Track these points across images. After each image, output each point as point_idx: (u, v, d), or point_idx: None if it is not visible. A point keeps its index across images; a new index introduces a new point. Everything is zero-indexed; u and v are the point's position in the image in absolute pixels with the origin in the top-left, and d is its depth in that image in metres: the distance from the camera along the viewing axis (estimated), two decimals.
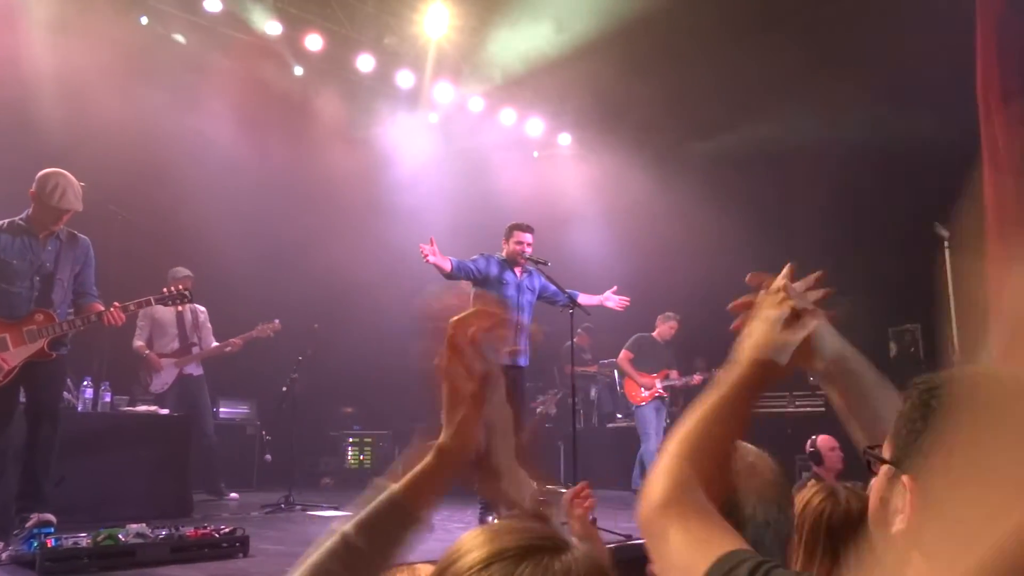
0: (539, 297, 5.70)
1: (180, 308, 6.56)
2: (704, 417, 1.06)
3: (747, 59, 7.30)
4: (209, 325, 6.83)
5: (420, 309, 0.92)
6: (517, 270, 5.62)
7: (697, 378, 7.37)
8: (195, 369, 6.68)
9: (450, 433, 0.90)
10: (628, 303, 5.94)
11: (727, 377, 1.10)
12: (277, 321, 6.73)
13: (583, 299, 5.68)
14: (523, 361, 5.57)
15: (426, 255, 5.16)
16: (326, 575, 0.83)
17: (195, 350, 6.66)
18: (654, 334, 7.55)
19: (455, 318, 0.90)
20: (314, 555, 0.84)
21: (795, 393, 7.65)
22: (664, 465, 0.99)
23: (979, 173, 6.10)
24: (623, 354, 7.43)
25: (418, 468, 0.89)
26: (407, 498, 0.87)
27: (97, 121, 6.69)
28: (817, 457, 4.89)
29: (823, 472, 4.78)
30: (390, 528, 0.86)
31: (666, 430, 7.03)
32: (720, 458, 1.04)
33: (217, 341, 6.84)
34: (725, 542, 0.85)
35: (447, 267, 5.27)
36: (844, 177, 7.42)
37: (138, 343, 6.51)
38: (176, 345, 6.62)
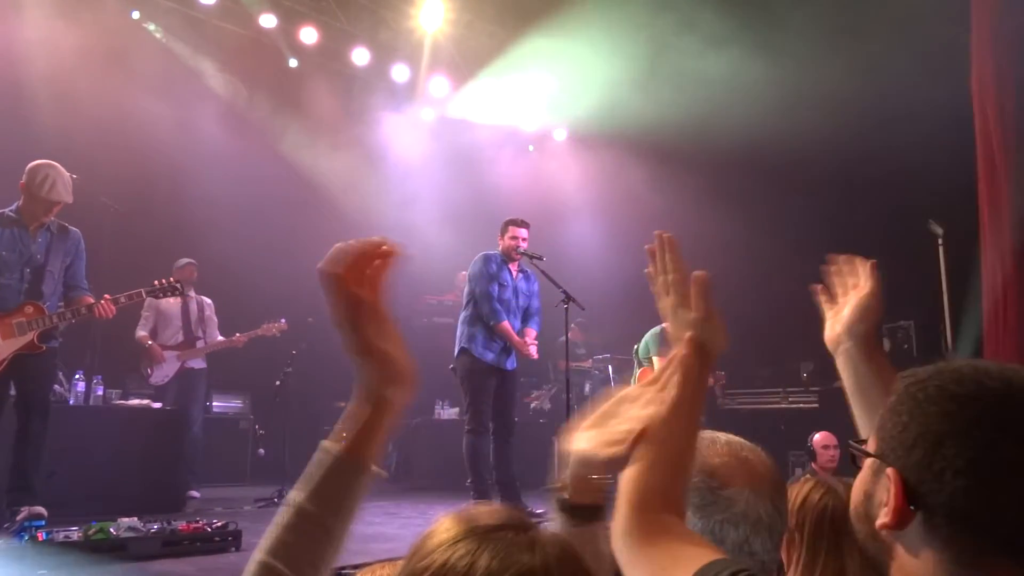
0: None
1: (188, 298, 6.48)
2: (664, 423, 0.98)
3: (746, 54, 7.29)
4: (215, 319, 6.70)
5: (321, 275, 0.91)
6: (513, 268, 5.61)
7: (710, 380, 7.20)
8: (197, 363, 6.60)
9: (371, 378, 0.90)
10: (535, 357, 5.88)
11: (670, 375, 1.03)
12: (283, 321, 6.64)
13: (532, 332, 5.71)
14: (510, 364, 5.58)
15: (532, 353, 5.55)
16: (285, 548, 0.82)
17: (199, 344, 6.56)
18: (667, 327, 7.36)
19: (332, 268, 0.92)
20: (271, 529, 0.84)
21: (788, 389, 7.68)
22: (624, 490, 0.94)
23: (974, 170, 6.11)
24: (659, 361, 7.15)
25: (356, 422, 0.89)
26: (353, 455, 0.87)
27: (90, 113, 6.66)
28: (812, 454, 4.91)
29: (817, 469, 4.80)
30: (340, 488, 0.86)
31: None
32: (681, 464, 0.98)
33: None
34: (697, 555, 0.82)
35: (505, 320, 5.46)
36: (839, 174, 7.43)
37: (141, 333, 6.38)
38: (180, 338, 6.50)
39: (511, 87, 9.14)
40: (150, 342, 6.39)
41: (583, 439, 0.98)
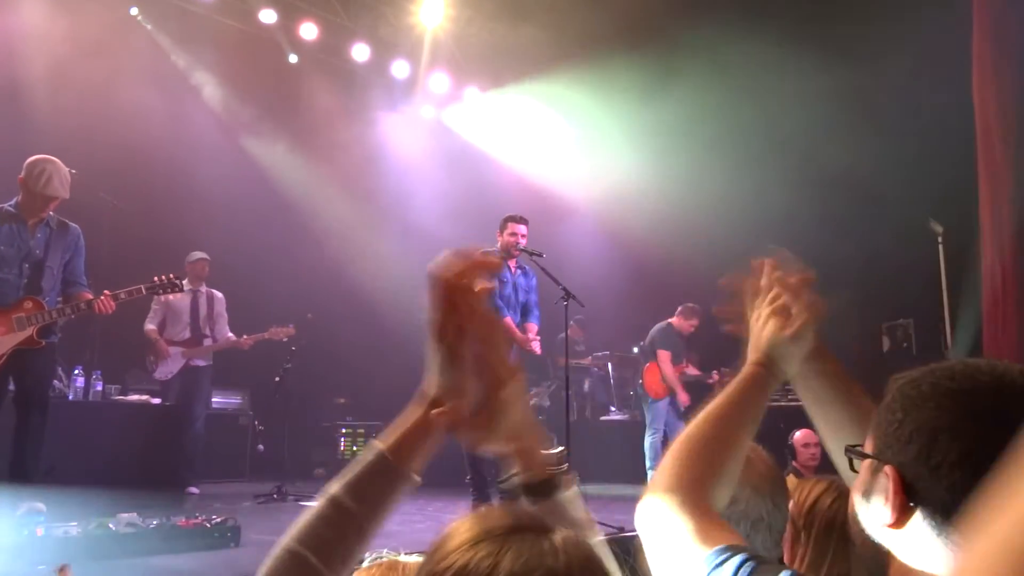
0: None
1: (198, 293, 6.44)
2: (707, 420, 1.06)
3: (744, 44, 7.28)
4: (225, 315, 6.61)
5: (429, 275, 0.89)
6: (511, 264, 5.61)
7: (715, 376, 7.15)
8: (202, 360, 6.56)
9: (442, 387, 0.89)
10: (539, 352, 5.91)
11: (734, 381, 1.11)
12: (292, 326, 6.59)
13: (533, 327, 5.72)
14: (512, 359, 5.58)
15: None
16: (317, 539, 0.82)
17: (207, 342, 6.46)
18: (673, 322, 7.21)
19: (448, 273, 0.89)
20: (304, 518, 0.84)
21: (787, 387, 7.66)
22: (668, 463, 1.00)
23: (974, 168, 6.12)
24: (663, 355, 7.02)
25: (407, 425, 0.89)
26: (396, 456, 0.87)
27: (90, 110, 6.65)
28: (792, 452, 4.89)
29: (799, 467, 4.78)
30: (379, 488, 0.86)
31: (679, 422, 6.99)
32: (723, 462, 1.03)
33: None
34: (721, 537, 0.85)
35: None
36: (840, 171, 7.42)
37: (149, 327, 6.31)
38: (187, 334, 6.44)
39: (510, 82, 9.13)
40: (157, 337, 6.35)
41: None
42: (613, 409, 9.05)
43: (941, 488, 0.74)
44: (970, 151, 6.10)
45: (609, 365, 9.23)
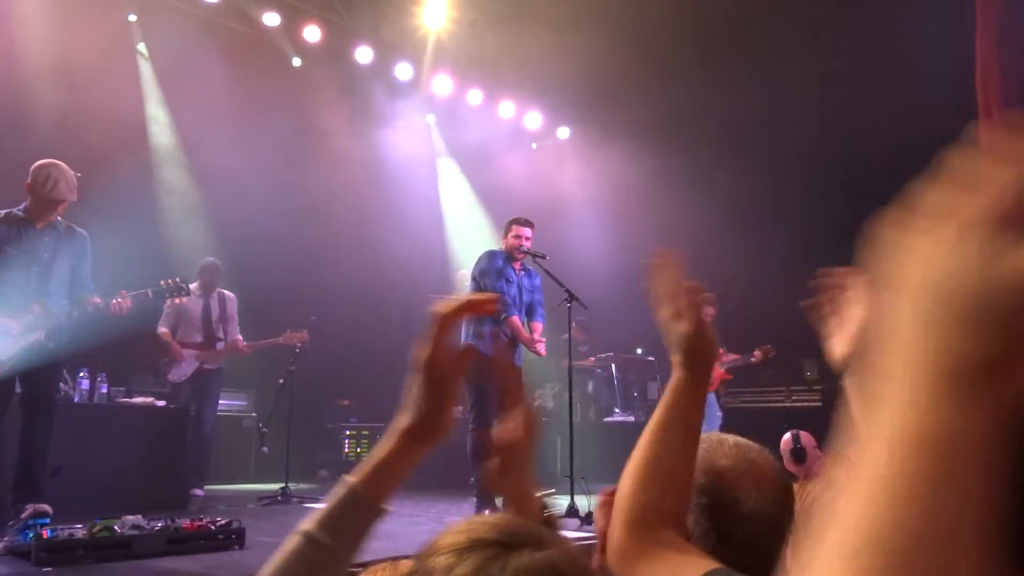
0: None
1: (209, 296, 6.45)
2: (647, 440, 1.03)
3: (746, 54, 7.28)
4: (236, 316, 6.58)
5: (429, 313, 0.92)
6: (516, 266, 5.62)
7: (757, 354, 7.15)
8: (214, 363, 6.58)
9: (416, 418, 0.89)
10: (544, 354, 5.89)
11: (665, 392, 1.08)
12: (306, 331, 6.59)
13: (539, 327, 5.72)
14: (516, 360, 5.61)
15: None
16: (292, 575, 0.82)
17: (219, 345, 6.44)
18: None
19: (441, 307, 0.91)
20: (278, 556, 0.84)
21: (792, 388, 7.67)
22: (617, 508, 0.97)
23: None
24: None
25: (379, 457, 0.89)
26: (368, 490, 0.87)
27: (93, 110, 6.67)
28: (801, 455, 4.82)
29: (799, 471, 4.72)
30: (352, 522, 0.86)
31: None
32: (676, 479, 1.01)
33: None
34: (696, 566, 0.83)
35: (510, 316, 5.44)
36: (848, 177, 7.41)
37: (162, 329, 6.29)
38: (200, 337, 6.42)
39: (514, 85, 9.14)
40: (171, 340, 6.35)
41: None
42: (617, 411, 9.05)
43: None
44: None
45: (613, 366, 9.23)
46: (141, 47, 7.66)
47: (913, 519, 0.34)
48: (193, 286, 5.97)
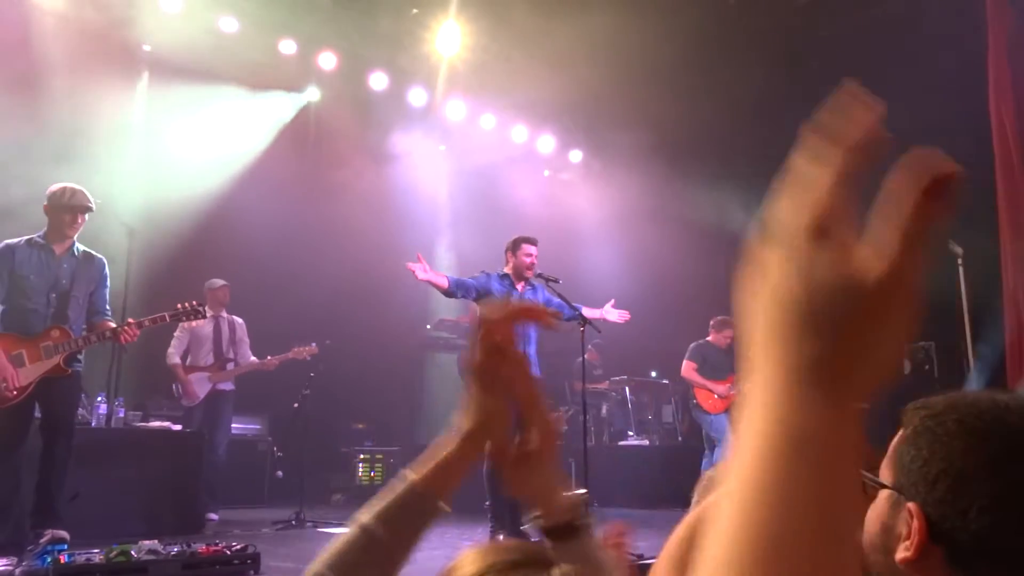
0: None
1: (220, 319, 6.52)
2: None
3: (760, 75, 7.32)
4: (247, 339, 6.73)
5: (473, 319, 0.94)
6: (520, 285, 5.61)
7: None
8: (226, 385, 6.61)
9: (476, 421, 0.91)
10: (628, 317, 5.84)
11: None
12: (314, 344, 6.66)
13: (587, 312, 5.63)
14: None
15: (415, 273, 5.12)
16: (347, 566, 0.84)
17: (230, 366, 6.57)
18: (709, 339, 7.19)
19: (490, 314, 0.92)
20: (335, 545, 0.86)
21: None
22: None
23: (993, 188, 6.07)
24: (687, 365, 7.07)
25: (440, 457, 0.91)
26: (427, 488, 0.89)
27: (107, 129, 6.80)
28: None
29: None
30: (410, 518, 0.88)
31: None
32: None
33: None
34: None
35: (443, 283, 5.25)
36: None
37: (175, 360, 6.41)
38: (211, 359, 6.54)
39: (527, 110, 9.22)
40: (180, 366, 6.43)
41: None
42: (631, 434, 8.99)
43: (969, 531, 0.73)
44: (989, 171, 6.06)
45: (627, 389, 9.19)
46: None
47: (775, 519, 0.35)
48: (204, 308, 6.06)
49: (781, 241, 0.42)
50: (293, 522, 5.90)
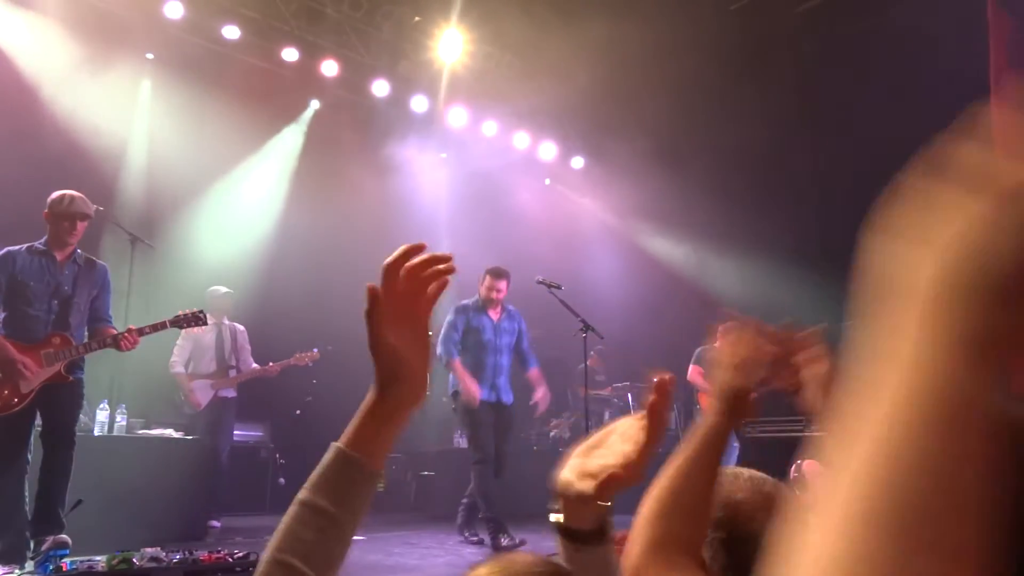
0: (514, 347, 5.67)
1: (222, 326, 6.53)
2: (674, 474, 1.11)
3: (761, 82, 7.33)
4: (248, 346, 6.72)
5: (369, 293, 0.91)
6: (493, 313, 5.61)
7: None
8: (229, 392, 6.61)
9: (384, 366, 0.90)
10: (545, 406, 5.88)
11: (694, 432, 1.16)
12: (316, 350, 6.66)
13: (533, 375, 5.72)
14: (507, 398, 5.59)
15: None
16: (299, 543, 0.81)
17: (232, 373, 6.56)
18: (716, 345, 7.27)
19: (387, 263, 0.92)
20: (281, 527, 0.83)
21: (811, 418, 7.57)
22: (638, 527, 1.03)
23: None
24: (693, 369, 6.99)
25: (358, 418, 0.89)
26: (354, 449, 0.87)
27: (109, 144, 6.81)
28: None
29: None
30: (347, 485, 0.85)
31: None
32: (695, 513, 1.07)
33: None
34: None
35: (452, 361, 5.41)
36: (863, 203, 7.39)
37: (178, 369, 6.42)
38: (214, 367, 6.54)
39: (528, 117, 9.23)
40: (182, 374, 6.43)
41: (569, 466, 0.96)
42: None
43: None
44: None
45: (629, 396, 9.18)
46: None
47: (921, 479, 0.32)
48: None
49: (995, 198, 0.36)
50: None
